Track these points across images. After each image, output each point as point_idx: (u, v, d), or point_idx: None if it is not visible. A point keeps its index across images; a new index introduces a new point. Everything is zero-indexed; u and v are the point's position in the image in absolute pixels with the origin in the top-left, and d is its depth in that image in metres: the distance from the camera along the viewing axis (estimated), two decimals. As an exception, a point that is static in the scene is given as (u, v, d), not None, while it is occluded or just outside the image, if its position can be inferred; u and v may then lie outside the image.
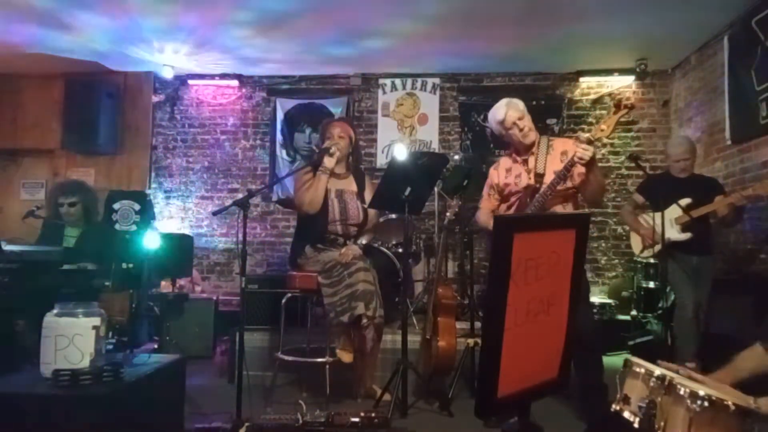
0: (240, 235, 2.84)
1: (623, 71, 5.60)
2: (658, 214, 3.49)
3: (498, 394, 1.32)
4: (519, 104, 3.14)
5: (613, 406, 1.68)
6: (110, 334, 4.65)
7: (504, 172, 3.23)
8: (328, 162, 3.43)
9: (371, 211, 3.61)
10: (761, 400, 1.51)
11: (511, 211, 3.14)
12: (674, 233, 3.72)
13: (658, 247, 3.69)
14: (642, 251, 4.04)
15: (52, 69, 5.75)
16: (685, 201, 3.65)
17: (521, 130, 3.09)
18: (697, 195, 3.69)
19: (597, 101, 5.77)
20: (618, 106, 2.74)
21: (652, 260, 4.46)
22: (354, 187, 3.61)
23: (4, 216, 5.97)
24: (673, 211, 3.68)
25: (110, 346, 4.19)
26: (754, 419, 1.44)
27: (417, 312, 4.48)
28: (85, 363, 1.97)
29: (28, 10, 4.45)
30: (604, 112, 2.83)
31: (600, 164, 5.61)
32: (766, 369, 1.69)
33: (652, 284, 4.61)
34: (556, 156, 3.02)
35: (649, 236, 3.80)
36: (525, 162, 3.14)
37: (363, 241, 3.57)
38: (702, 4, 4.21)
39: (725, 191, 3.87)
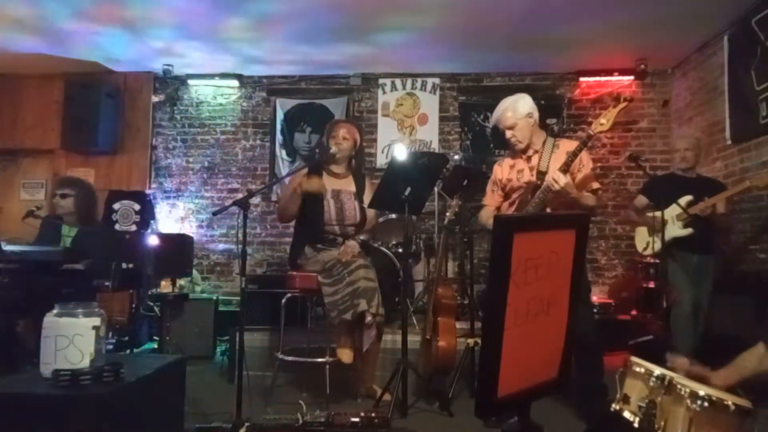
0: (240, 235, 2.84)
1: (623, 71, 5.60)
2: (659, 213, 3.53)
3: (498, 394, 1.32)
4: (518, 109, 3.11)
5: (613, 405, 1.69)
6: (110, 334, 4.66)
7: (507, 168, 3.24)
8: (310, 186, 3.38)
9: (370, 212, 3.59)
10: (716, 373, 1.52)
11: (513, 208, 3.15)
12: (676, 230, 3.74)
13: (658, 246, 3.71)
14: (645, 249, 4.06)
15: (52, 69, 5.75)
16: (686, 199, 3.66)
17: (509, 139, 3.14)
18: (700, 194, 3.70)
19: (597, 101, 5.78)
20: (617, 99, 2.82)
21: (652, 260, 4.46)
22: (352, 188, 3.58)
23: (4, 216, 5.98)
24: (675, 210, 3.71)
25: (110, 346, 4.21)
26: (754, 419, 1.44)
27: (417, 312, 4.48)
28: (85, 363, 1.97)
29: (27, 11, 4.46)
30: (604, 111, 2.87)
31: (600, 164, 5.70)
32: None
33: (652, 284, 4.61)
34: (561, 155, 3.02)
35: (651, 224, 3.87)
36: (529, 159, 3.16)
37: (361, 237, 3.56)
38: (702, 4, 4.21)
39: None
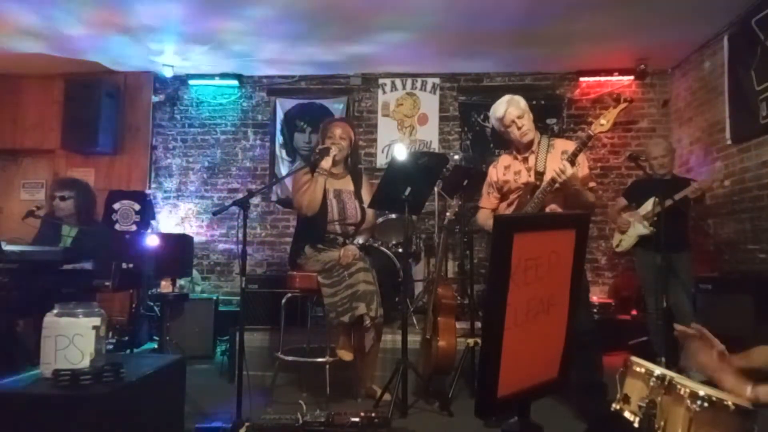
0: (240, 235, 2.84)
1: (623, 71, 5.60)
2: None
3: (498, 394, 1.32)
4: (520, 102, 3.14)
5: (613, 405, 1.69)
6: (110, 334, 4.66)
7: (503, 170, 3.24)
8: (326, 163, 3.41)
9: (369, 211, 3.61)
10: (760, 388, 1.48)
11: (512, 209, 3.14)
12: (640, 228, 3.97)
13: (625, 244, 4.08)
14: (618, 246, 4.24)
15: (52, 69, 5.75)
16: (650, 201, 3.83)
17: (519, 128, 3.10)
18: (668, 194, 3.74)
19: (597, 101, 5.77)
20: (617, 100, 2.85)
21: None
22: (351, 187, 3.61)
23: (4, 216, 5.98)
24: (643, 210, 3.98)
25: (110, 346, 4.20)
26: (754, 419, 1.43)
27: (417, 312, 4.48)
28: (85, 363, 1.97)
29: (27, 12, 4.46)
30: (604, 112, 2.89)
31: (600, 164, 5.70)
32: None
33: (651, 284, 4.61)
34: (557, 155, 3.03)
35: (623, 225, 4.13)
36: (525, 160, 3.15)
37: (359, 240, 3.57)
38: (702, 4, 4.22)
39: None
